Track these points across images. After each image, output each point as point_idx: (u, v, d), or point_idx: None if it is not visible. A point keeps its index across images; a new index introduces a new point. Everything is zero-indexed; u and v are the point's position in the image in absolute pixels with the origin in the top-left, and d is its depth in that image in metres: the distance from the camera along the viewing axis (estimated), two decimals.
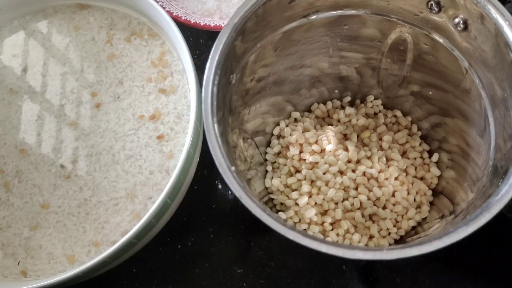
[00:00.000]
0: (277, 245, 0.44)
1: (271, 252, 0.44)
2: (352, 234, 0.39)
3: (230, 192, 0.46)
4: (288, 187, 0.41)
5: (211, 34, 0.45)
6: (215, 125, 0.32)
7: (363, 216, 0.39)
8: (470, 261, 0.43)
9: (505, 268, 0.42)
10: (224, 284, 0.43)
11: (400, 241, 0.40)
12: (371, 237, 0.39)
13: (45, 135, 0.43)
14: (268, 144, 0.44)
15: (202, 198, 0.45)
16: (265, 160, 0.43)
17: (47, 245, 0.40)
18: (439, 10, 0.35)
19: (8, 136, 0.43)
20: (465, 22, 0.34)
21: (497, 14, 0.32)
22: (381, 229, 0.39)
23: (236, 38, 0.34)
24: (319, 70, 0.44)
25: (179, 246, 0.44)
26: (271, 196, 0.41)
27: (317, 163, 0.39)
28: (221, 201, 0.46)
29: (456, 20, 0.34)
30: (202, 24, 0.47)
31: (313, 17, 0.39)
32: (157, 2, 0.45)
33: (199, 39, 0.51)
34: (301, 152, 0.41)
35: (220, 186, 0.46)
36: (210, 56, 0.34)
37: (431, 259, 0.43)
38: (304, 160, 0.40)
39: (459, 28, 0.35)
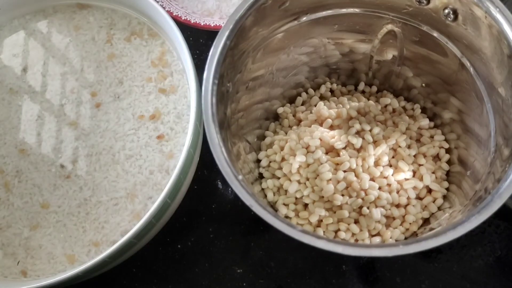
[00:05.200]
0: (277, 244, 0.44)
1: (271, 251, 0.44)
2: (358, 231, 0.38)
3: (230, 192, 0.46)
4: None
5: (211, 34, 0.45)
6: (217, 128, 0.32)
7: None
8: (469, 261, 0.43)
9: (505, 268, 0.42)
10: (224, 283, 0.43)
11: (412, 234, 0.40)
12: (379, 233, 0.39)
13: (45, 135, 0.43)
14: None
15: (202, 198, 0.45)
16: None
17: (47, 245, 0.40)
18: (428, 2, 0.35)
19: (8, 136, 0.43)
20: (454, 12, 0.34)
21: (487, 1, 0.32)
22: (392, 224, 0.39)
23: (234, 39, 0.34)
24: (312, 71, 0.45)
25: (179, 246, 0.44)
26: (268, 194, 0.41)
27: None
28: (221, 201, 0.46)
29: (446, 10, 0.35)
30: (202, 24, 0.47)
31: (304, 18, 0.39)
32: (157, 2, 0.45)
33: (199, 39, 0.51)
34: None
35: (220, 186, 0.46)
36: (210, 55, 0.34)
37: (431, 259, 0.43)
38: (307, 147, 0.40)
39: (449, 19, 0.35)
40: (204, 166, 0.44)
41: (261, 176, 0.42)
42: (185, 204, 0.41)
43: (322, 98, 0.46)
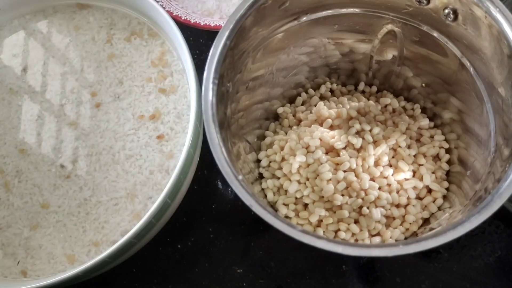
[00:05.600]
0: (277, 244, 0.44)
1: (271, 251, 0.44)
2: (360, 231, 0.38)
3: (230, 191, 0.46)
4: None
5: (211, 34, 0.45)
6: (217, 128, 0.32)
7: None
8: (469, 261, 0.43)
9: (504, 268, 0.42)
10: (224, 283, 0.43)
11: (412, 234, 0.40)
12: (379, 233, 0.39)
13: (45, 135, 0.43)
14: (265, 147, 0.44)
15: (202, 198, 0.45)
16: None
17: (47, 245, 0.40)
18: (428, 2, 0.35)
19: (8, 136, 0.43)
20: (454, 12, 0.34)
21: (487, 1, 0.32)
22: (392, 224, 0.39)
23: (234, 39, 0.34)
24: (312, 71, 0.44)
25: (179, 246, 0.44)
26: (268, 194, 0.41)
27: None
28: (221, 201, 0.46)
29: (446, 10, 0.35)
30: (202, 24, 0.47)
31: (304, 18, 0.39)
32: (157, 2, 0.45)
33: (199, 38, 0.51)
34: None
35: (220, 186, 0.46)
36: (210, 55, 0.34)
37: (431, 259, 0.43)
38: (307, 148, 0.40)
39: (449, 19, 0.35)
40: (204, 166, 0.44)
41: (261, 176, 0.42)
42: (185, 204, 0.41)
43: (322, 98, 0.46)
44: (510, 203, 0.40)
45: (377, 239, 0.38)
